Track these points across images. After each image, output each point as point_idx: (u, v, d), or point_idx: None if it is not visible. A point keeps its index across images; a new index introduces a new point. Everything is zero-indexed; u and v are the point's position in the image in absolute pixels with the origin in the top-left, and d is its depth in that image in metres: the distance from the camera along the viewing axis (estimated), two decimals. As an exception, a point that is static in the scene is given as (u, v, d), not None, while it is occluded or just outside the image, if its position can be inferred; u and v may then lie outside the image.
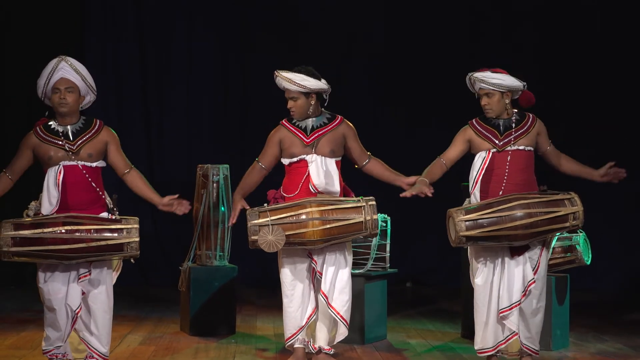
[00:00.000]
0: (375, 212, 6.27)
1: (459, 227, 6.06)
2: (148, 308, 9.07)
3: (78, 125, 6.02)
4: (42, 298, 5.98)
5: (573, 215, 6.13)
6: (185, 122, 10.84)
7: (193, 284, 7.73)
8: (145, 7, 10.75)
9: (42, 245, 5.75)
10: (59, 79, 5.95)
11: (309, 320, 6.45)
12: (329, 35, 10.75)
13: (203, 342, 7.46)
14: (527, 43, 10.73)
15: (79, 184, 5.93)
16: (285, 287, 6.46)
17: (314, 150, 6.42)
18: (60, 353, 6.00)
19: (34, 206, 5.99)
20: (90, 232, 5.81)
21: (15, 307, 8.90)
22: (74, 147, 5.95)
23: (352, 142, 6.53)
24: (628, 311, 9.42)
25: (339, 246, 6.43)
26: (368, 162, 6.58)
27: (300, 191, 6.41)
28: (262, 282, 10.27)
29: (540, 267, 6.22)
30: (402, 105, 10.89)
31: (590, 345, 7.49)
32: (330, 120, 6.51)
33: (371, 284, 7.54)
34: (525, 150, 6.25)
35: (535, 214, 6.06)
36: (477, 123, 6.37)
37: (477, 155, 6.33)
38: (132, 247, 5.87)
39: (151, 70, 10.80)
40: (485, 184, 6.26)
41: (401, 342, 7.59)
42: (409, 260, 10.55)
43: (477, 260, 6.28)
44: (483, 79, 6.28)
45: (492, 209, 6.08)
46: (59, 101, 5.95)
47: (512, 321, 6.19)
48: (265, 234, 6.19)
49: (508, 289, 6.18)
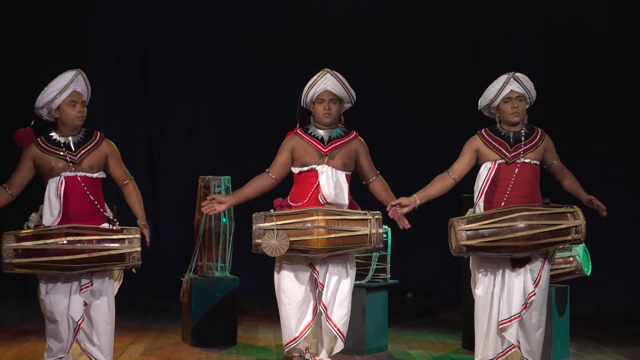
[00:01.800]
0: (381, 226, 6.27)
1: (459, 236, 6.06)
2: (150, 319, 9.08)
3: (79, 136, 6.05)
4: (44, 310, 5.99)
5: (575, 229, 6.11)
6: (187, 134, 10.83)
7: (194, 295, 7.74)
8: (147, 17, 10.76)
9: (45, 256, 5.77)
10: (75, 92, 5.98)
11: (303, 333, 6.41)
12: (330, 40, 10.77)
13: (204, 352, 7.47)
14: (528, 53, 10.78)
15: (80, 195, 5.96)
16: (283, 295, 6.41)
17: (327, 161, 6.41)
18: None
19: (34, 218, 6.01)
20: (93, 242, 5.83)
21: (17, 318, 8.90)
22: (76, 158, 5.98)
23: (364, 159, 6.54)
24: (628, 322, 9.42)
25: (342, 258, 6.41)
26: (373, 181, 6.59)
27: (309, 201, 6.39)
28: (263, 293, 10.27)
29: (541, 280, 6.20)
30: (403, 109, 10.91)
31: (590, 356, 7.49)
32: (346, 134, 6.51)
33: (372, 294, 7.54)
34: (532, 163, 6.25)
35: (537, 225, 6.04)
36: (486, 133, 6.35)
37: (483, 166, 6.32)
38: (133, 257, 5.90)
39: (153, 82, 10.78)
40: (490, 195, 6.25)
41: (402, 353, 7.59)
42: (409, 271, 10.55)
43: (479, 271, 6.27)
44: (523, 81, 6.24)
45: (494, 220, 6.08)
46: (77, 114, 5.98)
47: (511, 333, 6.17)
48: (269, 238, 6.17)
49: (508, 300, 6.17)
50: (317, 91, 6.42)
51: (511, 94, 6.26)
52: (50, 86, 5.97)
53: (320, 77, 6.41)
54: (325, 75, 6.40)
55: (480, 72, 10.55)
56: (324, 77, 6.40)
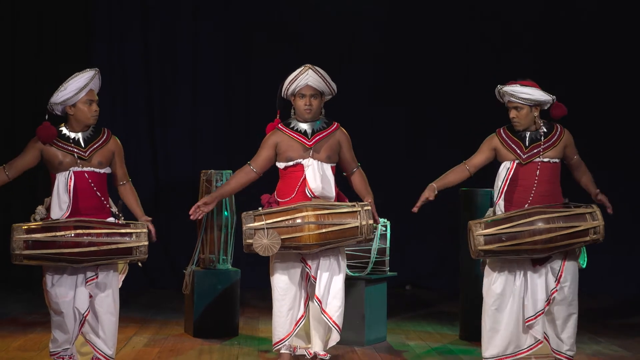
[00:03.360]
0: (370, 217, 6.22)
1: (477, 241, 6.01)
2: (153, 311, 9.10)
3: (88, 133, 6.09)
4: (49, 301, 6.02)
5: (594, 230, 6.08)
6: (189, 128, 10.84)
7: (197, 287, 7.78)
8: (150, 11, 10.76)
9: (54, 248, 5.80)
10: (91, 91, 6.03)
11: (296, 327, 6.40)
12: (329, 40, 10.78)
13: (206, 344, 7.52)
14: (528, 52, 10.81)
15: (88, 190, 6.00)
16: (277, 292, 6.38)
17: (311, 154, 6.37)
18: (67, 355, 6.06)
19: (40, 211, 6.04)
20: (101, 235, 5.88)
21: (22, 309, 8.92)
22: (86, 154, 6.02)
23: (347, 150, 6.50)
24: (623, 314, 9.46)
25: (334, 251, 6.37)
26: (354, 173, 6.55)
27: (297, 195, 6.33)
28: (264, 285, 10.29)
29: (563, 275, 6.20)
30: (402, 108, 10.90)
31: (585, 346, 7.54)
32: (328, 125, 6.47)
33: (371, 287, 7.58)
34: (551, 162, 6.24)
35: (555, 229, 6.01)
36: (503, 132, 6.34)
37: (502, 165, 6.31)
38: (140, 250, 5.95)
39: (156, 78, 10.77)
40: (510, 194, 6.23)
41: (401, 344, 7.65)
42: (408, 263, 10.56)
43: (497, 270, 6.24)
44: (512, 93, 6.22)
45: (512, 223, 6.04)
46: (93, 113, 6.04)
47: (538, 330, 6.21)
48: (260, 238, 6.11)
49: (532, 298, 6.18)
50: (299, 86, 6.37)
51: (509, 104, 6.27)
52: (69, 84, 5.99)
53: (302, 73, 6.36)
54: (307, 71, 6.35)
55: (481, 72, 10.64)
56: (306, 73, 6.35)
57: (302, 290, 6.43)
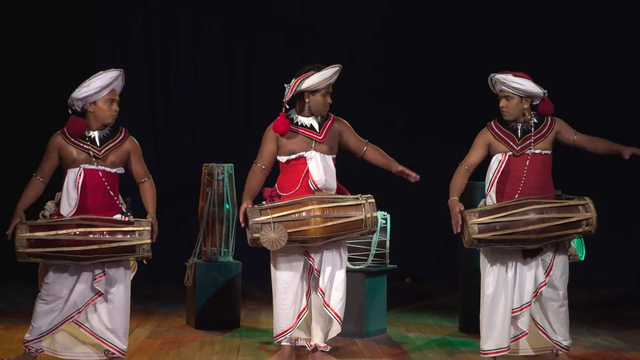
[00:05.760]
0: (375, 210, 6.23)
1: (471, 229, 6.04)
2: (155, 303, 9.14)
3: (105, 131, 6.12)
4: (41, 292, 6.04)
5: (586, 222, 6.11)
6: (191, 122, 10.87)
7: (198, 279, 7.83)
8: (152, 10, 10.80)
9: (57, 246, 5.85)
10: (114, 90, 6.08)
11: (298, 320, 6.41)
12: (332, 39, 10.80)
13: (208, 335, 7.55)
14: (528, 47, 10.83)
15: (98, 188, 6.03)
16: (279, 285, 6.39)
17: (314, 146, 6.38)
18: (38, 348, 6.09)
19: (49, 206, 6.08)
20: (104, 234, 5.90)
21: (26, 301, 8.91)
22: (100, 153, 6.05)
23: (349, 136, 6.50)
24: (620, 306, 9.51)
25: (336, 244, 6.39)
26: (365, 150, 6.52)
27: (300, 188, 6.33)
28: (266, 277, 10.33)
29: (553, 269, 6.24)
30: (405, 108, 10.93)
31: (583, 338, 7.58)
32: (327, 118, 6.48)
33: (371, 279, 7.63)
34: (542, 154, 6.26)
35: (548, 219, 6.04)
36: (495, 126, 6.36)
37: (494, 158, 6.34)
38: (143, 248, 5.97)
39: (158, 72, 10.83)
40: (501, 186, 6.26)
41: (400, 336, 7.69)
42: (408, 256, 10.58)
43: (490, 262, 6.28)
44: (504, 82, 6.25)
45: (506, 213, 6.06)
46: (112, 113, 6.07)
47: (524, 322, 6.25)
48: (267, 232, 6.09)
49: (520, 290, 6.22)
50: (328, 83, 6.36)
51: (500, 93, 6.30)
52: (93, 81, 6.04)
53: (336, 73, 6.37)
54: (338, 70, 6.37)
55: (481, 72, 10.64)
56: (336, 73, 6.37)
57: (304, 283, 6.44)
